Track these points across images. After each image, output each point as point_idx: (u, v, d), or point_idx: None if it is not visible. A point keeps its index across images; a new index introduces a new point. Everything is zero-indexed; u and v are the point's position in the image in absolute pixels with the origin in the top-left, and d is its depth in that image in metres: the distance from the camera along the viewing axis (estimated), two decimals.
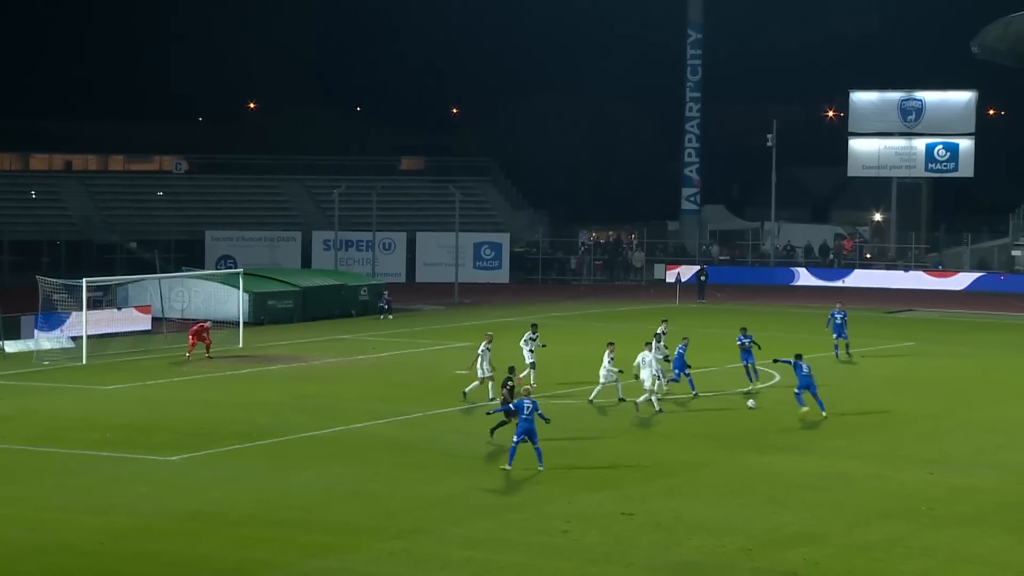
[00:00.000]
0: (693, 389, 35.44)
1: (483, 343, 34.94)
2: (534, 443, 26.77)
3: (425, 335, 49.51)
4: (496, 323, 49.07)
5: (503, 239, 74.98)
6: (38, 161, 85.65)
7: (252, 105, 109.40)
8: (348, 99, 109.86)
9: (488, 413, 29.31)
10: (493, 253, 74.29)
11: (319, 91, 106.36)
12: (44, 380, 38.67)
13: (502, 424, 29.02)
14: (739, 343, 36.80)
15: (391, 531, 22.67)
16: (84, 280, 43.53)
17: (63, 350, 43.47)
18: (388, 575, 20.74)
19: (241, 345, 45.34)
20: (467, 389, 34.64)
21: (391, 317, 55.00)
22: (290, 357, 43.36)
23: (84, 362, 41.60)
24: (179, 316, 49.61)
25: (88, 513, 23.63)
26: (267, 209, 79.57)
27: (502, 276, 73.78)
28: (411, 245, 73.95)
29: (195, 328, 42.71)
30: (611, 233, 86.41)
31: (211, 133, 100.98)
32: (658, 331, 37.46)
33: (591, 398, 34.34)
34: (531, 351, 36.55)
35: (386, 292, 57.07)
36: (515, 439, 26.77)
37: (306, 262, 72.39)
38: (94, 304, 45.53)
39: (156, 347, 44.63)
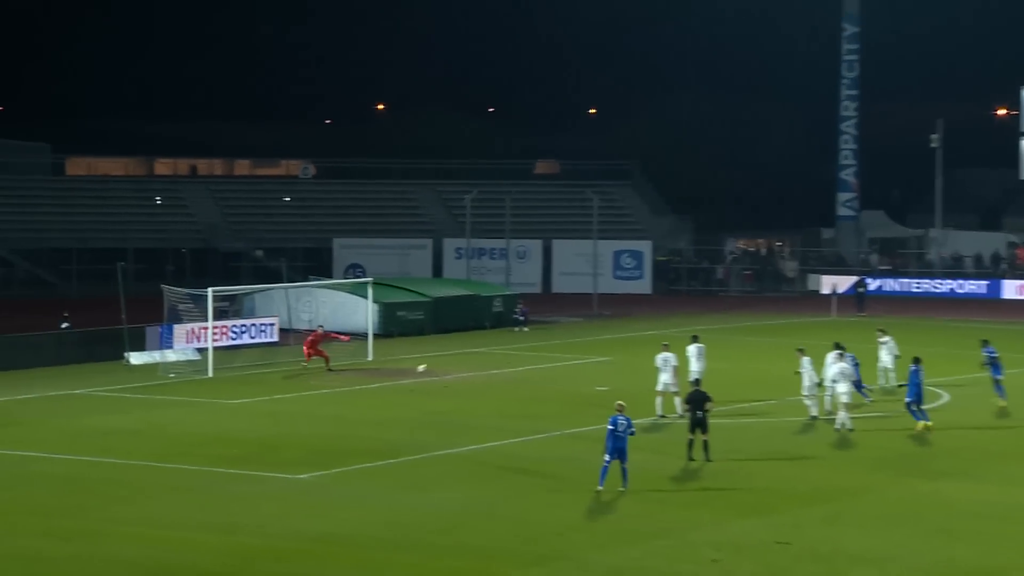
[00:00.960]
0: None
1: (660, 355, 34.70)
2: (623, 462, 26.50)
3: (562, 349, 49.44)
4: (638, 337, 48.78)
5: (644, 247, 74.61)
6: (162, 166, 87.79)
7: (381, 106, 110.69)
8: (480, 99, 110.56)
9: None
10: (634, 262, 73.98)
11: (450, 91, 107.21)
12: (170, 393, 39.48)
13: (691, 443, 29.18)
14: (987, 355, 36.37)
15: (528, 557, 22.59)
16: (210, 290, 44.20)
17: (189, 362, 44.36)
18: None
19: (371, 358, 45.80)
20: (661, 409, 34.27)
21: (526, 329, 55.07)
22: (420, 371, 43.59)
23: (210, 375, 42.39)
24: (307, 327, 50.22)
25: (215, 533, 23.98)
26: (397, 215, 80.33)
27: (643, 286, 73.41)
28: (547, 253, 74.05)
29: (309, 340, 43.35)
30: (760, 241, 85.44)
31: (338, 136, 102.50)
32: (880, 340, 38.08)
33: (817, 415, 33.89)
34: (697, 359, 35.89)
35: (521, 303, 57.21)
36: (606, 458, 26.49)
37: (437, 271, 72.99)
38: (220, 314, 46.28)
39: (283, 360, 45.27)
